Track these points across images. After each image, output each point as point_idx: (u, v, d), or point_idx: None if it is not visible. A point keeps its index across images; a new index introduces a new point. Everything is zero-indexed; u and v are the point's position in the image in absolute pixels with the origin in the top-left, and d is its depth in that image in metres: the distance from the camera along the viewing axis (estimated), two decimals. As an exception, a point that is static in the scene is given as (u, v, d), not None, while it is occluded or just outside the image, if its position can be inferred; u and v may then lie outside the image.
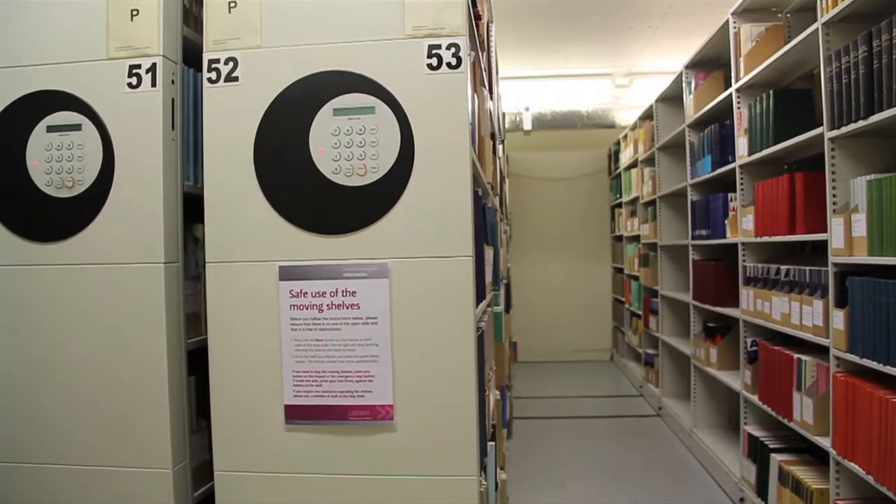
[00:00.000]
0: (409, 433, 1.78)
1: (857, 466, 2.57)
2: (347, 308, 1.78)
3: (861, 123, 2.56)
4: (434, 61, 1.77)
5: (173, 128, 1.93)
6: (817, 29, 2.87)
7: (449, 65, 1.77)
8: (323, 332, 1.79)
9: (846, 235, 2.69)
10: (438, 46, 1.77)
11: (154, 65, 1.90)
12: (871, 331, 2.51)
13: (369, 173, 1.78)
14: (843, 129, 2.69)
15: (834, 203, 2.82)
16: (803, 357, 3.08)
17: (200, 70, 2.08)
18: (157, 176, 1.89)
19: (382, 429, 1.78)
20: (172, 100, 1.93)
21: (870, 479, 2.47)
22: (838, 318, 2.73)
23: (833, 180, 2.82)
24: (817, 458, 3.23)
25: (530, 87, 7.93)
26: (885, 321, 2.42)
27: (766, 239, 3.47)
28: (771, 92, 3.42)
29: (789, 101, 3.36)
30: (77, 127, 1.93)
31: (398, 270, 1.77)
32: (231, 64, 1.84)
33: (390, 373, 1.77)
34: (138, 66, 1.90)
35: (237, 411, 1.83)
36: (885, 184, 2.46)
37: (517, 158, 8.52)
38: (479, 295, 1.96)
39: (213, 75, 1.85)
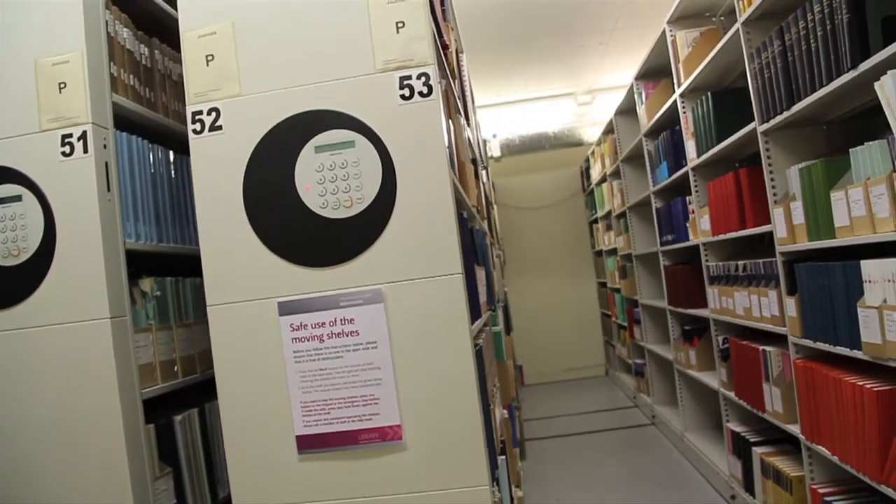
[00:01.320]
0: (419, 450, 1.81)
1: (824, 449, 2.61)
2: (347, 335, 1.83)
3: (786, 115, 2.64)
4: (406, 91, 1.84)
5: (109, 189, 2.00)
6: (738, 29, 2.96)
7: (421, 93, 1.84)
8: (326, 361, 1.83)
9: (787, 224, 2.76)
10: (409, 77, 1.84)
11: (84, 132, 1.97)
12: (819, 314, 2.57)
13: (355, 204, 1.84)
14: (772, 122, 2.77)
15: (774, 194, 2.89)
16: (768, 348, 3.13)
17: (133, 133, 2.18)
18: (96, 236, 1.95)
19: (392, 449, 1.82)
20: (106, 163, 2.01)
21: (835, 459, 2.52)
22: (791, 306, 2.79)
23: (771, 172, 2.89)
24: (795, 446, 3.27)
25: (495, 114, 8.05)
26: (830, 303, 2.48)
27: (722, 237, 3.54)
28: (709, 94, 3.51)
29: (726, 100, 3.46)
30: (18, 198, 2.00)
31: (392, 294, 1.82)
32: (214, 114, 1.91)
33: (395, 394, 1.81)
34: (70, 135, 1.98)
35: (250, 447, 1.86)
36: (812, 170, 2.53)
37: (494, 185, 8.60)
38: (474, 313, 2.02)
39: (198, 126, 1.91)
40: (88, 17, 2.02)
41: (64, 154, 1.98)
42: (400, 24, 1.85)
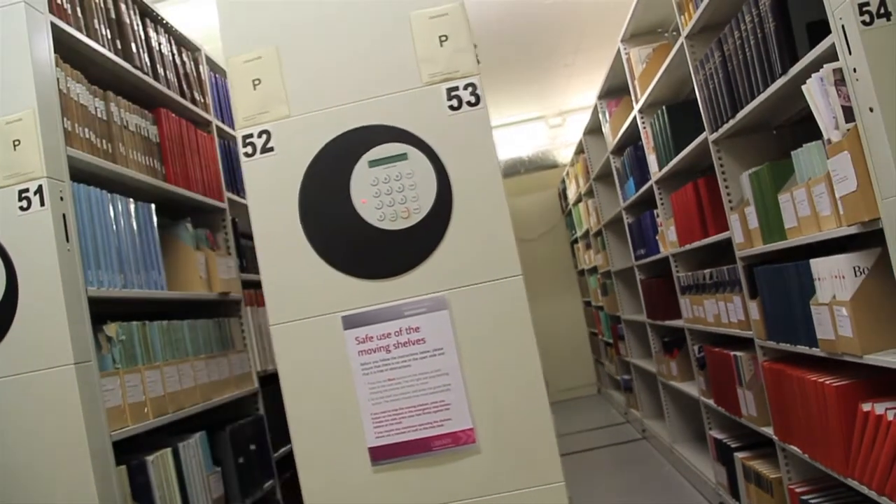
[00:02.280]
0: (493, 452, 1.82)
1: (796, 448, 2.64)
2: (414, 344, 1.85)
3: (732, 122, 2.71)
4: (454, 102, 1.89)
5: (68, 239, 2.05)
6: (683, 43, 3.05)
7: (469, 103, 1.89)
8: (394, 371, 1.84)
9: (744, 229, 2.81)
10: (456, 88, 1.89)
11: (40, 186, 2.03)
12: (780, 316, 2.62)
13: (413, 215, 1.87)
14: (721, 131, 2.84)
15: (730, 201, 2.96)
16: (738, 353, 3.18)
17: (90, 184, 2.23)
18: (57, 285, 2.00)
19: (466, 453, 1.83)
20: (63, 215, 2.06)
21: (806, 457, 2.55)
22: (754, 309, 2.84)
23: (725, 179, 2.96)
24: (773, 448, 3.30)
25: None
26: (788, 304, 2.53)
27: (688, 247, 3.60)
28: (664, 107, 3.59)
29: (680, 113, 3.53)
30: (-23, 254, 2.05)
31: (455, 300, 1.85)
32: (265, 136, 1.93)
33: (465, 398, 1.83)
34: (27, 190, 2.03)
35: (322, 464, 1.86)
36: (760, 175, 2.60)
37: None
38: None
39: (249, 149, 1.94)
40: (39, 75, 2.08)
41: (21, 208, 2.04)
42: (443, 38, 1.90)
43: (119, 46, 2.56)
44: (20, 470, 1.99)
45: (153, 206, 2.57)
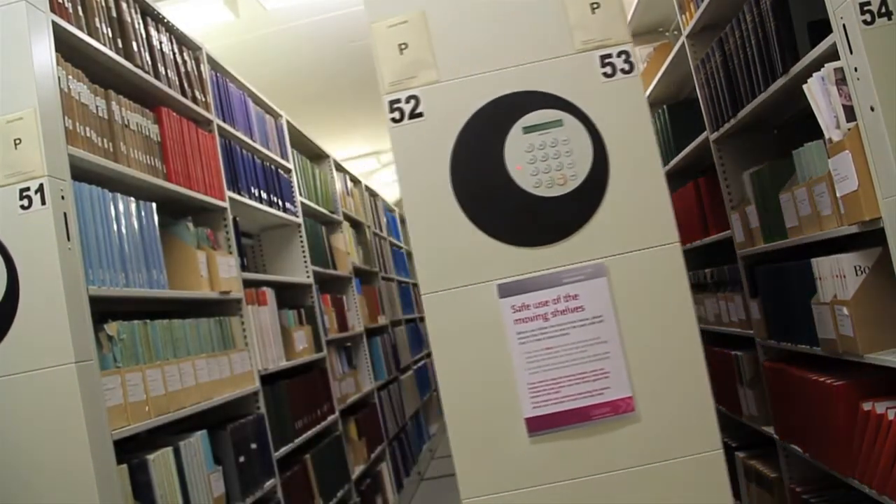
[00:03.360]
0: (652, 421, 1.81)
1: (796, 448, 2.64)
2: (572, 312, 1.82)
3: (733, 122, 2.71)
4: (608, 69, 1.87)
5: (69, 238, 2.05)
6: (684, 42, 3.05)
7: (623, 70, 1.87)
8: (552, 340, 1.82)
9: (745, 228, 2.82)
10: (609, 55, 1.87)
11: (41, 185, 2.02)
12: (781, 315, 2.62)
13: (569, 181, 1.85)
14: (722, 130, 2.84)
15: (731, 200, 2.96)
16: (739, 353, 3.18)
17: (92, 183, 2.24)
18: (58, 284, 1.99)
19: (625, 422, 1.81)
20: (65, 214, 2.06)
21: (806, 457, 2.55)
22: (755, 309, 2.84)
23: (725, 178, 2.96)
24: (774, 448, 3.30)
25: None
26: (788, 303, 2.53)
27: (689, 246, 3.60)
28: (665, 107, 3.59)
29: (681, 112, 3.54)
30: (-20, 253, 2.05)
31: (613, 267, 1.83)
32: (413, 102, 1.91)
33: (624, 366, 1.81)
34: (27, 189, 2.03)
35: (477, 437, 1.84)
36: (761, 174, 2.60)
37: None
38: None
39: (397, 115, 1.91)
40: (40, 74, 2.08)
41: (22, 207, 2.03)
42: (595, 6, 1.88)
43: (120, 45, 2.56)
44: (21, 469, 1.98)
45: (154, 204, 2.57)
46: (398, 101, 1.91)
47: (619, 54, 1.88)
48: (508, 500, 1.82)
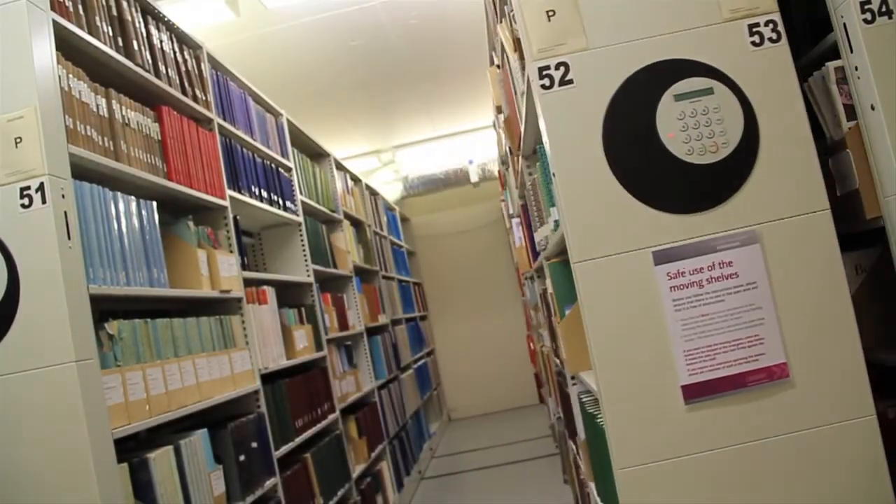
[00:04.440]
0: (806, 387, 1.81)
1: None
2: (727, 279, 1.83)
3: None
4: (756, 38, 1.88)
5: (69, 237, 2.05)
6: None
7: (770, 39, 1.88)
8: (707, 307, 1.83)
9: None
10: (757, 24, 1.89)
11: (42, 184, 2.02)
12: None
13: (721, 149, 1.86)
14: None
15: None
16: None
17: (92, 182, 2.24)
18: (59, 283, 1.99)
19: (780, 388, 1.81)
20: (65, 213, 2.06)
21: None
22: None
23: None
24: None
25: (471, 139, 8.18)
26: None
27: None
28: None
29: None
30: (-21, 251, 2.05)
31: (767, 234, 1.84)
32: (562, 69, 1.91)
33: (778, 332, 1.81)
34: (28, 188, 2.03)
35: (632, 405, 1.84)
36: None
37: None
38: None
39: (546, 81, 1.92)
40: (40, 73, 2.08)
41: (23, 206, 2.03)
42: None
43: (121, 44, 2.57)
44: (21, 468, 1.99)
45: (154, 203, 2.58)
46: (547, 67, 1.92)
47: (766, 23, 1.89)
48: (664, 469, 1.83)
